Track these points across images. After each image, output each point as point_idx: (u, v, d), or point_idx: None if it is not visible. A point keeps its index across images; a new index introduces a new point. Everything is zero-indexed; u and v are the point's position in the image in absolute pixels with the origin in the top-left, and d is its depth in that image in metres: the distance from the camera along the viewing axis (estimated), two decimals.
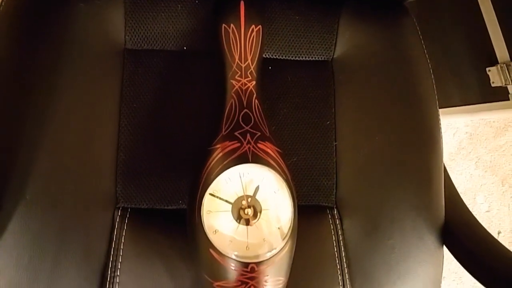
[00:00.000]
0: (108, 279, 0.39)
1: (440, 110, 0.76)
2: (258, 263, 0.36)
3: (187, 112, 0.44)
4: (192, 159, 0.42)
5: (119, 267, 0.39)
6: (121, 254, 0.39)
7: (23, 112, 0.41)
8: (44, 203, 0.39)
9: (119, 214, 0.41)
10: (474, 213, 0.48)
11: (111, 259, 0.39)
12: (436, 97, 0.49)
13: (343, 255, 0.45)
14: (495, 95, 0.73)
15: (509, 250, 0.44)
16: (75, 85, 0.42)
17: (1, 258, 0.37)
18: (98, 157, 0.42)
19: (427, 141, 0.48)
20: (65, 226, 0.39)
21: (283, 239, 0.38)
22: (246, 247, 0.37)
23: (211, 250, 0.36)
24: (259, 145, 0.38)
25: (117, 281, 0.39)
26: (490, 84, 0.72)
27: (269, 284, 0.36)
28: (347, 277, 0.44)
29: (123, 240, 0.40)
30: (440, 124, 0.49)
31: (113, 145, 0.42)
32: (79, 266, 0.39)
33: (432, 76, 0.49)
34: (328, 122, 0.47)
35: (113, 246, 0.40)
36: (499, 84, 0.71)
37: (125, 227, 0.40)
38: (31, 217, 0.38)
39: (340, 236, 0.45)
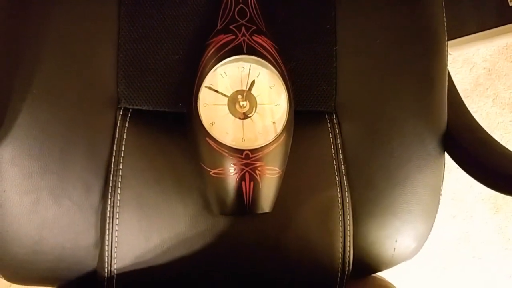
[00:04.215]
0: (112, 172, 0.41)
1: (456, 41, 0.74)
2: (252, 150, 0.37)
3: (185, 11, 0.44)
4: (191, 60, 0.42)
5: (121, 161, 0.41)
6: (123, 149, 0.41)
7: (24, 15, 0.42)
8: (51, 99, 0.41)
9: (120, 113, 0.42)
10: None
11: (114, 154, 0.41)
12: None
13: (341, 157, 0.45)
14: None
15: (510, 151, 0.44)
16: None
17: (13, 148, 0.40)
18: (99, 58, 0.43)
19: (431, 44, 0.47)
20: (71, 122, 0.41)
21: (278, 130, 0.38)
22: (242, 139, 0.38)
23: (207, 139, 0.37)
24: (254, 38, 0.38)
25: (120, 173, 0.41)
26: (508, 3, 0.69)
27: (264, 173, 0.38)
28: (344, 179, 0.45)
29: (125, 137, 0.42)
30: (445, 27, 0.47)
31: (113, 46, 0.43)
32: (85, 160, 0.41)
33: None
34: (328, 26, 0.46)
35: (115, 142, 0.41)
36: None
37: (126, 125, 0.42)
38: (39, 111, 0.40)
39: (338, 140, 0.46)
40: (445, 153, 0.49)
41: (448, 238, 1.05)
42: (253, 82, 0.39)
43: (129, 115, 0.43)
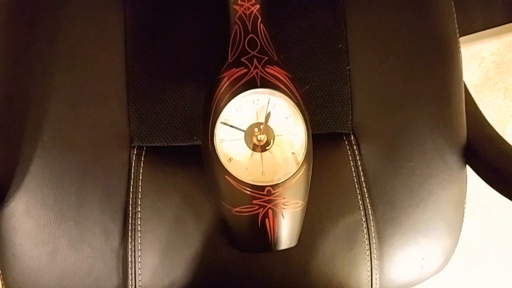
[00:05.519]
0: (130, 215, 0.40)
1: (464, 38, 0.72)
2: (274, 186, 0.36)
3: (193, 44, 0.43)
4: (202, 92, 0.41)
5: (139, 203, 0.40)
6: (140, 190, 0.40)
7: (30, 60, 0.41)
8: (61, 145, 0.40)
9: (134, 153, 0.41)
10: None
11: (130, 196, 0.40)
12: (454, 9, 0.46)
13: (362, 180, 0.44)
14: None
15: None
16: (78, 26, 0.41)
17: (27, 200, 0.39)
18: (108, 99, 0.42)
19: (445, 57, 0.46)
20: (84, 166, 0.40)
21: (298, 163, 0.37)
22: (262, 173, 0.37)
23: (227, 177, 0.36)
24: (267, 69, 0.37)
25: (139, 216, 0.40)
26: None
27: (288, 207, 0.36)
28: (367, 201, 0.44)
29: (140, 177, 0.40)
30: (458, 38, 0.46)
31: (122, 85, 0.42)
32: (102, 205, 0.40)
33: None
34: (340, 46, 0.45)
35: (131, 183, 0.40)
36: None
37: (141, 165, 0.41)
38: (50, 159, 0.39)
39: (358, 161, 0.44)
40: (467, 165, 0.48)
41: (469, 234, 1.04)
42: (269, 114, 0.38)
43: (143, 153, 0.42)
